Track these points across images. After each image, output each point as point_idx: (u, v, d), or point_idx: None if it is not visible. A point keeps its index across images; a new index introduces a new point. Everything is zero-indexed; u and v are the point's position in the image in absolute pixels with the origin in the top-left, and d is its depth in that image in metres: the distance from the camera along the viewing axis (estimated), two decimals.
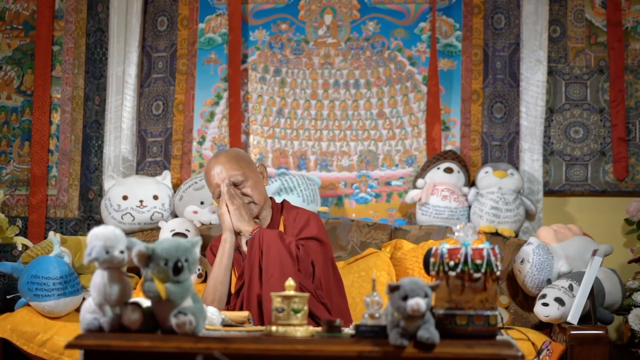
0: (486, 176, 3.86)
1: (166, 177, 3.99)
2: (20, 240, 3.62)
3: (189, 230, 3.66)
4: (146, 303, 2.05)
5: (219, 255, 3.06)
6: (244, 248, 3.04)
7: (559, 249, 3.53)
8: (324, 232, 3.14)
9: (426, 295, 1.95)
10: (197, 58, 4.20)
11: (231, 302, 3.04)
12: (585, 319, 3.19)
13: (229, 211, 3.04)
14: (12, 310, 3.36)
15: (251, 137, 4.17)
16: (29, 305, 3.28)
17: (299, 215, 3.15)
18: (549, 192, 4.03)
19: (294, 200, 3.82)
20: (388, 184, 4.10)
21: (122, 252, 2.03)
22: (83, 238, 3.55)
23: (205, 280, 3.62)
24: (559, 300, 3.26)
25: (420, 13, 4.15)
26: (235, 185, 3.09)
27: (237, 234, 3.07)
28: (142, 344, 2.00)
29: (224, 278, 3.05)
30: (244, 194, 3.10)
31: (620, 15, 4.03)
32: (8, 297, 3.49)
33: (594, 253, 3.22)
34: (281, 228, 3.14)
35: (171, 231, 3.65)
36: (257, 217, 3.14)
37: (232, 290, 3.06)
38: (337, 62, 4.16)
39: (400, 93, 4.13)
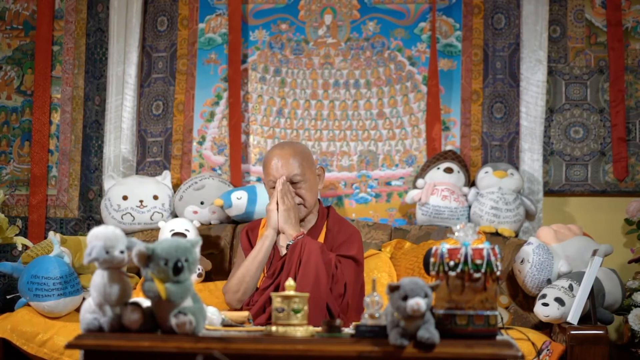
0: (486, 176, 3.86)
1: (166, 177, 3.99)
2: (20, 240, 3.62)
3: (188, 230, 3.66)
4: (146, 303, 2.05)
5: (256, 250, 3.04)
6: (281, 247, 3.02)
7: (559, 249, 3.53)
8: (362, 252, 3.12)
9: (426, 295, 1.95)
10: (197, 58, 4.20)
11: (254, 297, 3.03)
12: (585, 319, 3.19)
13: (277, 209, 3.01)
14: (12, 310, 3.36)
15: (251, 137, 4.17)
16: (29, 305, 3.28)
17: (343, 228, 3.12)
18: (549, 192, 4.03)
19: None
20: (388, 184, 4.10)
21: (122, 252, 2.03)
22: (83, 238, 3.55)
23: (205, 280, 3.63)
24: (559, 300, 3.26)
25: (420, 13, 4.15)
26: (292, 183, 3.06)
27: (279, 232, 3.05)
28: (142, 344, 2.00)
29: (255, 273, 3.03)
30: (298, 195, 3.06)
31: (620, 15, 4.03)
32: (8, 297, 3.49)
33: (594, 253, 3.22)
34: (322, 235, 3.11)
35: (170, 231, 3.64)
36: (302, 219, 3.11)
37: (258, 286, 3.04)
38: (337, 62, 4.16)
39: (400, 93, 4.13)
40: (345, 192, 4.11)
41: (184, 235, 3.59)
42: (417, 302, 1.91)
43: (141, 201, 3.86)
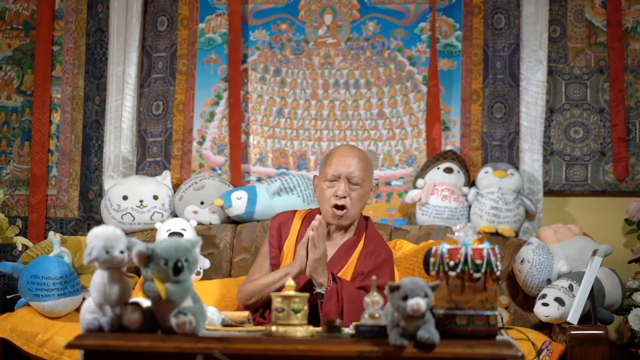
0: (486, 176, 3.86)
1: (166, 177, 3.99)
2: (20, 240, 3.62)
3: (185, 230, 3.65)
4: (146, 303, 2.05)
5: (276, 277, 2.95)
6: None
7: (559, 249, 3.53)
8: (394, 276, 3.10)
9: (426, 295, 1.95)
10: (197, 58, 4.20)
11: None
12: (585, 319, 3.19)
13: (307, 254, 2.89)
14: (12, 310, 3.36)
15: (251, 137, 4.17)
16: (29, 305, 3.28)
17: (378, 249, 3.07)
18: (549, 192, 4.03)
19: (294, 200, 3.82)
20: (388, 184, 4.10)
21: (122, 252, 2.03)
22: (83, 238, 3.55)
23: (203, 278, 3.63)
24: (559, 300, 3.26)
25: (420, 13, 4.15)
26: (349, 182, 3.02)
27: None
28: (142, 344, 2.00)
29: (269, 295, 2.94)
30: (350, 196, 3.01)
31: (620, 15, 4.02)
32: (8, 297, 3.49)
33: (594, 253, 3.22)
34: (357, 253, 3.05)
35: (167, 231, 3.64)
36: (344, 228, 3.06)
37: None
38: (337, 62, 4.16)
39: (400, 93, 4.13)
40: None
41: (181, 235, 3.59)
42: (417, 302, 1.91)
43: (141, 201, 3.86)
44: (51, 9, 4.14)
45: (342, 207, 3.02)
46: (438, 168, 3.92)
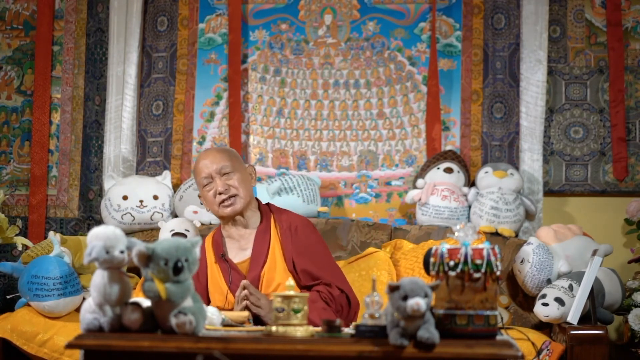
0: (486, 176, 3.86)
1: (166, 177, 3.99)
2: (20, 240, 3.62)
3: (188, 230, 3.66)
4: (146, 303, 2.05)
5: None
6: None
7: (559, 249, 3.53)
8: (313, 230, 3.13)
9: (426, 295, 1.95)
10: (197, 58, 4.20)
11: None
12: (585, 319, 3.19)
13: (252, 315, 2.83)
14: (12, 310, 3.36)
15: (251, 137, 4.17)
16: (29, 305, 3.28)
17: (291, 223, 3.08)
18: (549, 192, 4.03)
19: (294, 200, 3.82)
20: (388, 184, 4.10)
21: (122, 252, 2.03)
22: (83, 238, 3.55)
23: None
24: (559, 300, 3.26)
25: (420, 13, 4.15)
26: (223, 174, 3.03)
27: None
28: (142, 344, 2.00)
29: None
30: (231, 185, 3.02)
31: (620, 15, 4.03)
32: (8, 297, 3.49)
33: (594, 253, 3.22)
34: (273, 232, 3.07)
35: (170, 231, 3.65)
36: (242, 214, 3.07)
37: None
38: (337, 62, 4.16)
39: (400, 93, 4.13)
40: (345, 192, 4.11)
41: (184, 236, 3.59)
42: (417, 302, 1.91)
43: (141, 201, 3.86)
44: (51, 9, 4.14)
45: (228, 198, 3.02)
46: (438, 168, 3.92)
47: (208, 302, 3.00)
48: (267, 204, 3.19)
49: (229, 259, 3.04)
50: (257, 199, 3.18)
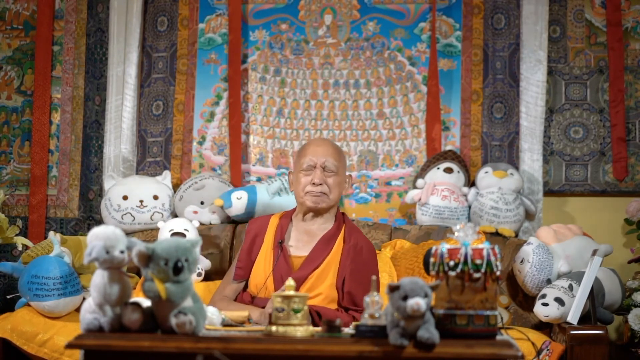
0: (486, 176, 3.86)
1: (166, 177, 3.99)
2: (20, 240, 3.62)
3: (187, 230, 3.65)
4: (146, 303, 2.05)
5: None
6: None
7: (559, 249, 3.53)
8: (375, 257, 3.14)
9: (426, 295, 1.95)
10: (197, 58, 4.20)
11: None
12: (585, 319, 3.19)
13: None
14: (12, 310, 3.36)
15: (251, 137, 4.17)
16: (29, 305, 3.28)
17: (359, 244, 3.09)
18: (549, 192, 4.03)
19: (294, 200, 3.82)
20: (388, 184, 4.10)
21: (122, 252, 2.04)
22: (83, 238, 3.55)
23: (204, 279, 3.63)
24: (559, 300, 3.26)
25: (420, 13, 4.15)
26: (325, 170, 3.08)
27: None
28: (142, 344, 2.00)
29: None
30: (327, 183, 3.07)
31: (620, 15, 4.03)
32: (8, 297, 3.49)
33: (594, 253, 3.22)
34: (339, 243, 3.08)
35: (170, 231, 3.64)
36: (320, 213, 3.10)
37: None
38: (337, 62, 4.16)
39: (400, 93, 4.13)
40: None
41: (183, 235, 3.59)
42: (417, 302, 1.91)
43: (141, 201, 3.86)
44: (51, 9, 4.14)
45: (319, 193, 3.07)
46: (438, 168, 3.92)
47: (247, 278, 3.06)
48: (344, 214, 3.22)
49: (286, 247, 3.06)
50: (338, 207, 3.20)
